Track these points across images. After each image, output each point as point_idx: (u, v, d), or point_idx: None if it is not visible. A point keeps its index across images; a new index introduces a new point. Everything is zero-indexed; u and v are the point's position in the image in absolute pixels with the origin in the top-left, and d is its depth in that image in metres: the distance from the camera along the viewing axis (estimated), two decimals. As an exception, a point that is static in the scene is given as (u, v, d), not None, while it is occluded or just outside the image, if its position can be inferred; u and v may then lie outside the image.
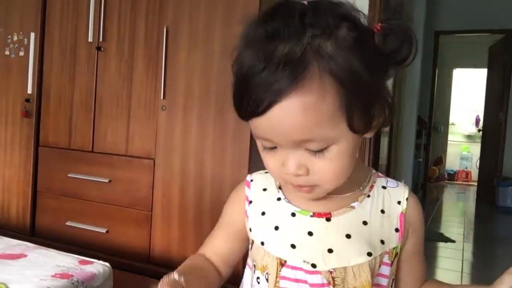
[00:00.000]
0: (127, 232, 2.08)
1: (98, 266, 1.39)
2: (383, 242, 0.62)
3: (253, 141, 0.58)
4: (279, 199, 0.67)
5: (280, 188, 0.68)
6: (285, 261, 0.61)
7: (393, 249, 0.63)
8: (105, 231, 2.11)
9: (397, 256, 0.65)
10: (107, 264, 1.41)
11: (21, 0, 2.37)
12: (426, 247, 0.71)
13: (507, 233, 4.24)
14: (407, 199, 0.66)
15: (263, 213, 0.67)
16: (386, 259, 0.62)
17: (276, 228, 0.64)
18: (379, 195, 0.65)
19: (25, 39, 2.35)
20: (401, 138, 3.98)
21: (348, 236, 0.61)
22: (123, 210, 2.09)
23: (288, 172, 0.56)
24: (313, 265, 0.60)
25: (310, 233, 0.62)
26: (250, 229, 0.68)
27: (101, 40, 2.15)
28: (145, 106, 2.05)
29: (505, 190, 4.89)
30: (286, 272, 0.61)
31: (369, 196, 0.65)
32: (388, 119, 0.58)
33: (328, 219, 0.63)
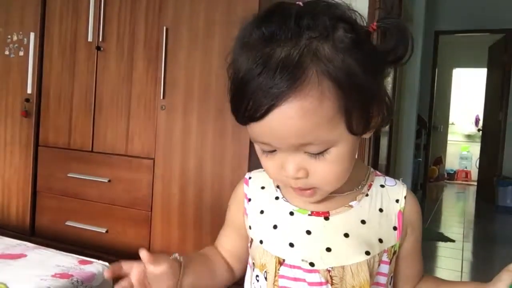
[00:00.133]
0: (126, 232, 2.08)
1: (97, 266, 1.39)
2: (381, 240, 0.62)
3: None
4: (277, 198, 0.67)
5: (278, 187, 0.68)
6: (284, 260, 0.62)
7: (392, 247, 0.63)
8: (104, 231, 2.12)
9: (395, 254, 0.65)
10: (106, 264, 1.41)
11: (21, 0, 2.37)
12: (425, 246, 0.71)
13: (507, 232, 4.24)
14: (405, 197, 0.66)
15: (261, 212, 0.68)
16: (385, 258, 0.63)
17: (274, 227, 0.64)
18: (377, 194, 0.66)
19: (25, 39, 2.35)
20: (400, 137, 3.98)
21: (346, 235, 0.61)
22: (123, 210, 2.09)
23: (287, 175, 0.56)
24: (311, 264, 0.60)
25: (308, 232, 0.62)
26: (249, 226, 0.69)
27: (100, 40, 2.15)
28: (144, 106, 2.06)
29: (505, 189, 4.89)
30: (284, 270, 0.62)
31: (367, 195, 0.65)
32: (386, 119, 0.58)
33: (326, 218, 0.63)
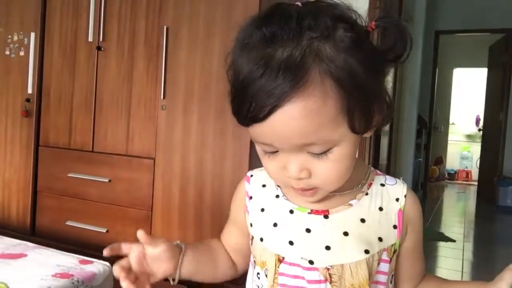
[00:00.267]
0: (127, 231, 2.08)
1: (98, 265, 1.39)
2: (381, 239, 0.62)
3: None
4: (277, 196, 0.68)
5: (278, 185, 0.69)
6: (283, 258, 0.62)
7: (392, 246, 0.64)
8: (105, 231, 2.12)
9: (395, 253, 0.65)
10: (107, 263, 1.41)
11: (22, 0, 2.37)
12: (426, 246, 0.71)
13: (508, 232, 4.23)
14: (405, 196, 0.66)
15: (262, 210, 0.68)
16: (384, 256, 0.63)
17: (274, 225, 0.65)
18: (378, 193, 0.66)
19: (25, 39, 2.35)
20: (401, 137, 3.98)
21: (345, 233, 0.61)
22: (123, 209, 2.09)
23: (290, 175, 0.56)
24: (311, 262, 0.60)
25: (308, 230, 0.63)
26: (250, 224, 0.69)
27: (101, 39, 2.15)
28: (145, 106, 2.06)
29: (505, 189, 4.89)
30: (284, 268, 0.62)
31: (367, 194, 0.65)
32: (387, 118, 0.58)
33: (326, 217, 0.63)
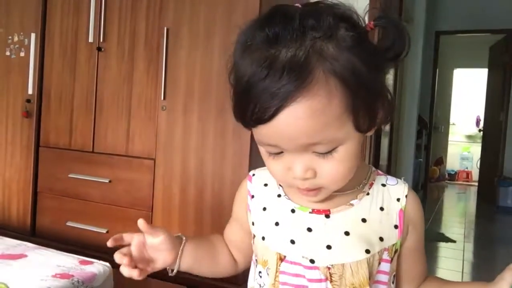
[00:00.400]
0: (127, 232, 2.07)
1: (98, 266, 1.39)
2: (382, 239, 0.63)
3: (254, 140, 0.58)
4: (279, 196, 0.68)
5: (280, 184, 0.69)
6: (285, 256, 0.62)
7: (393, 245, 0.64)
8: (105, 231, 2.11)
9: (397, 252, 0.65)
10: (107, 264, 1.42)
11: (22, 0, 2.37)
12: (426, 247, 0.71)
13: (508, 233, 4.23)
14: (406, 196, 0.66)
15: (264, 209, 0.69)
16: (385, 256, 0.63)
17: (276, 224, 0.65)
18: (379, 193, 0.66)
19: (26, 40, 2.35)
20: (401, 138, 3.98)
21: (346, 233, 0.62)
22: (124, 210, 2.09)
23: (295, 176, 0.56)
24: (312, 261, 0.61)
25: (309, 229, 0.63)
26: (252, 223, 0.70)
27: (101, 40, 2.15)
28: (145, 106, 2.06)
29: (506, 190, 4.89)
30: (285, 266, 0.62)
31: (368, 194, 0.65)
32: (388, 116, 0.58)
33: (327, 216, 0.63)
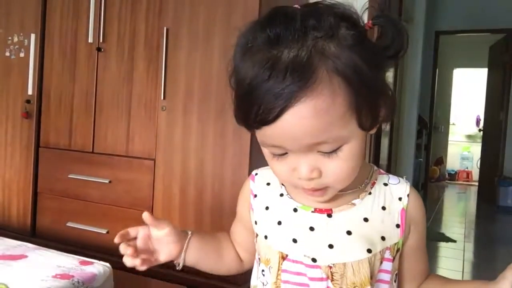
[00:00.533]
0: (127, 232, 2.07)
1: (98, 266, 1.39)
2: (384, 238, 0.63)
3: (254, 140, 0.58)
4: (281, 195, 0.68)
5: (283, 184, 0.69)
6: (287, 255, 0.63)
7: (395, 245, 0.64)
8: (105, 232, 2.11)
9: (399, 251, 0.65)
10: (107, 264, 1.41)
11: (21, 1, 2.37)
12: (427, 246, 0.71)
13: (508, 232, 4.23)
14: (408, 195, 0.66)
15: (266, 208, 0.69)
16: (387, 255, 0.63)
17: (279, 223, 0.66)
18: (381, 192, 0.66)
19: (26, 40, 2.35)
20: (401, 138, 3.97)
21: (348, 232, 0.62)
22: (124, 210, 2.09)
23: (301, 176, 0.56)
24: (313, 260, 0.61)
25: (311, 229, 0.63)
26: (255, 222, 0.70)
27: (101, 41, 2.15)
28: (145, 106, 2.05)
29: (506, 189, 4.89)
30: (287, 265, 0.63)
31: (370, 193, 0.65)
32: (390, 113, 0.59)
33: (329, 215, 0.64)
